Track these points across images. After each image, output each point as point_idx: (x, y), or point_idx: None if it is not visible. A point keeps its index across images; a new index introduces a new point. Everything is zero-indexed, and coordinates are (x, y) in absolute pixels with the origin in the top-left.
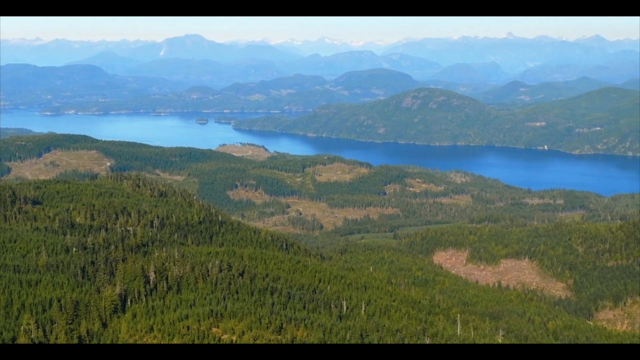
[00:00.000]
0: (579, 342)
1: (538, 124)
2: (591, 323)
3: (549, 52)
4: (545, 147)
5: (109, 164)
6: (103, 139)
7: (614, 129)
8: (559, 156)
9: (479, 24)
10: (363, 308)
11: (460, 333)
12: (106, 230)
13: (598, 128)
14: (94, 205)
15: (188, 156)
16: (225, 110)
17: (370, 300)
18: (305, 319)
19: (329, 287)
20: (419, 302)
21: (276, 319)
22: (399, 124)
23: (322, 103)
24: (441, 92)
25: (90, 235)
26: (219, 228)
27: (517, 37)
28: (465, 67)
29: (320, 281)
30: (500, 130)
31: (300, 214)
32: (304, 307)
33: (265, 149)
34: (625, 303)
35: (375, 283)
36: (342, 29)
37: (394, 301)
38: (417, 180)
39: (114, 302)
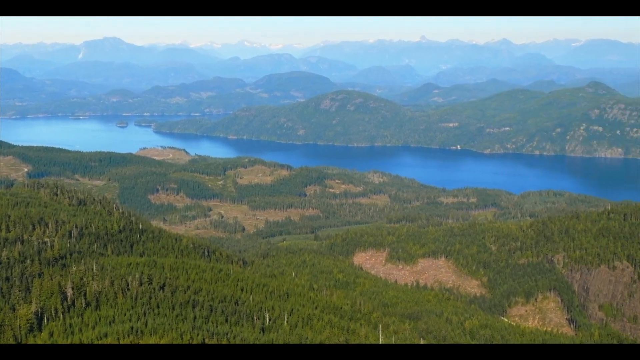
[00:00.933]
0: (494, 341)
1: (451, 124)
2: (505, 319)
3: (460, 55)
4: (458, 146)
5: (26, 169)
6: (20, 144)
7: (522, 129)
8: (471, 155)
9: (393, 27)
10: (285, 319)
11: (382, 341)
12: (22, 242)
13: (507, 128)
14: (9, 216)
15: (108, 160)
16: (145, 114)
17: (292, 310)
18: (227, 333)
19: (251, 297)
20: (341, 308)
21: (198, 334)
22: (318, 126)
23: (242, 105)
24: (358, 95)
25: (5, 248)
26: (140, 236)
27: (430, 40)
28: (381, 70)
29: (242, 290)
30: (415, 131)
31: (222, 216)
32: (226, 320)
33: (186, 152)
34: (536, 299)
35: (297, 290)
36: (262, 32)
37: (316, 308)
38: (337, 181)
39: (30, 321)
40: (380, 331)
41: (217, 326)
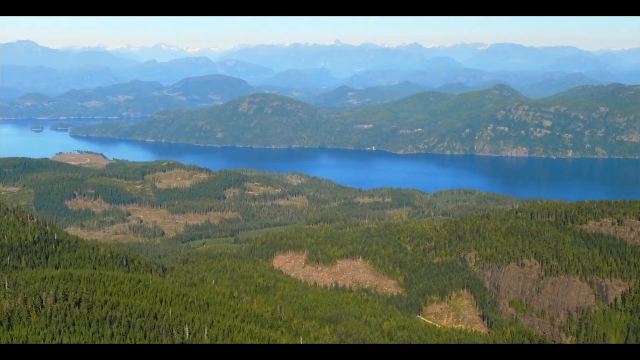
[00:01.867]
0: (412, 342)
1: (366, 126)
2: (422, 318)
3: (374, 58)
4: (373, 147)
5: None
6: None
7: (433, 130)
8: (385, 156)
9: (308, 31)
10: (206, 331)
11: None
12: None
13: (419, 129)
14: None
15: (23, 166)
16: (61, 117)
17: (213, 322)
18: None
19: (170, 310)
20: (261, 316)
21: None
22: (237, 129)
23: (160, 109)
24: (276, 97)
25: None
26: (55, 247)
27: (344, 44)
28: (297, 73)
29: (162, 302)
30: (331, 133)
31: (141, 221)
32: (145, 336)
33: (104, 157)
34: (450, 297)
35: (217, 299)
36: (178, 35)
37: (236, 317)
38: (256, 183)
39: None
40: (301, 339)
41: (135, 342)
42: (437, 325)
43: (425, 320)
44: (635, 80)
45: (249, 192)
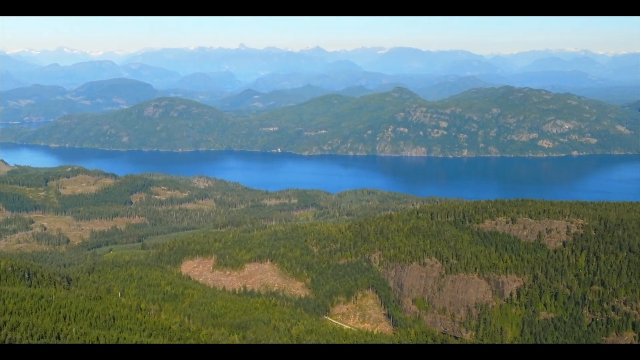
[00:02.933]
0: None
1: (271, 128)
2: (329, 319)
3: (277, 62)
4: (279, 149)
5: None
6: None
7: (336, 132)
8: (291, 158)
9: (213, 34)
10: None
11: None
12: None
13: (323, 131)
14: None
15: None
16: None
17: (118, 339)
18: None
19: (74, 329)
20: (169, 328)
21: None
22: (142, 132)
23: (63, 113)
24: (181, 101)
25: None
26: None
27: (248, 48)
28: (203, 76)
29: (65, 319)
30: (237, 136)
31: (45, 229)
32: None
33: (5, 163)
34: (356, 297)
35: (124, 312)
36: (80, 38)
37: (144, 331)
38: (162, 187)
39: None
40: None
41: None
42: (343, 326)
43: (332, 321)
44: (524, 82)
45: (156, 197)
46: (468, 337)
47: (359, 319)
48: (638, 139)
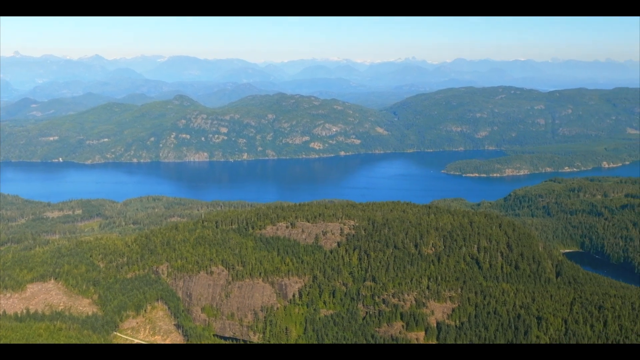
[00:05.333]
0: None
1: (52, 138)
2: (119, 335)
3: (56, 69)
4: (60, 159)
5: None
6: None
7: (119, 140)
8: (74, 167)
9: None
10: None
11: None
12: None
13: (106, 139)
14: None
15: None
16: None
17: None
18: None
19: None
20: None
21: None
22: None
23: None
24: None
25: None
26: None
27: (24, 55)
28: None
29: None
30: (15, 146)
31: None
32: None
33: None
34: (145, 310)
35: None
36: None
37: None
38: None
39: None
40: None
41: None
42: (134, 341)
43: (122, 336)
44: (295, 89)
45: None
46: (256, 339)
47: (149, 332)
48: (394, 139)
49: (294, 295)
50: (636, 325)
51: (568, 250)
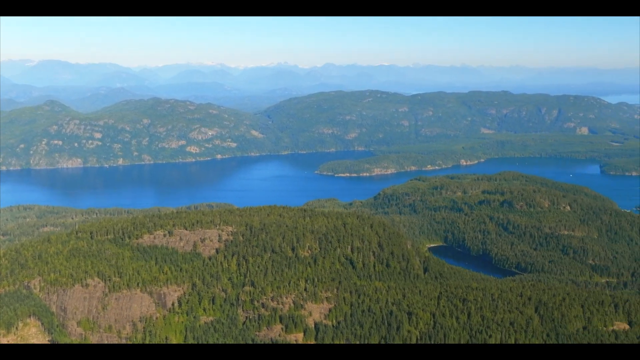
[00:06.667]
0: None
1: None
2: None
3: None
4: None
5: None
6: None
7: None
8: None
9: None
10: None
11: None
12: None
13: None
14: None
15: None
16: None
17: None
18: None
19: None
20: None
21: None
22: None
23: None
24: None
25: None
26: None
27: None
28: None
29: None
30: None
31: None
32: None
33: None
34: (17, 327)
35: None
36: None
37: None
38: None
39: None
40: None
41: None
42: None
43: None
44: (170, 93)
45: None
46: None
47: None
48: (269, 141)
49: (173, 304)
50: (496, 315)
51: (433, 245)
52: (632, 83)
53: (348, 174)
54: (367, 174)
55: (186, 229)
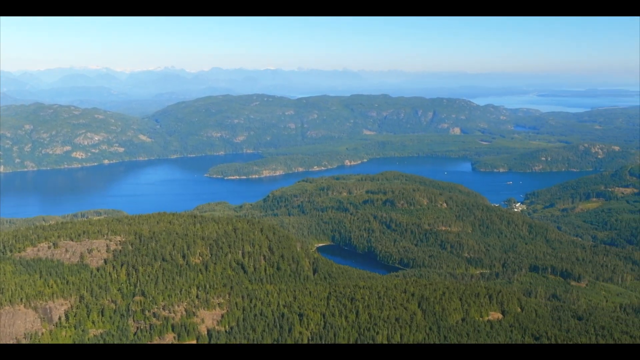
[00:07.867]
0: None
1: None
2: None
3: None
4: None
5: None
6: None
7: None
8: None
9: None
10: None
11: None
12: None
13: None
14: None
15: None
16: None
17: None
18: None
19: None
20: None
21: None
22: None
23: None
24: None
25: None
26: None
27: None
28: None
29: None
30: None
31: None
32: None
33: None
34: None
35: None
36: None
37: None
38: None
39: None
40: None
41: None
42: None
43: None
44: (54, 98)
45: None
46: None
47: None
48: (158, 145)
49: (60, 318)
50: (383, 312)
51: (322, 244)
52: (496, 86)
53: (237, 177)
54: (256, 176)
55: (72, 240)
